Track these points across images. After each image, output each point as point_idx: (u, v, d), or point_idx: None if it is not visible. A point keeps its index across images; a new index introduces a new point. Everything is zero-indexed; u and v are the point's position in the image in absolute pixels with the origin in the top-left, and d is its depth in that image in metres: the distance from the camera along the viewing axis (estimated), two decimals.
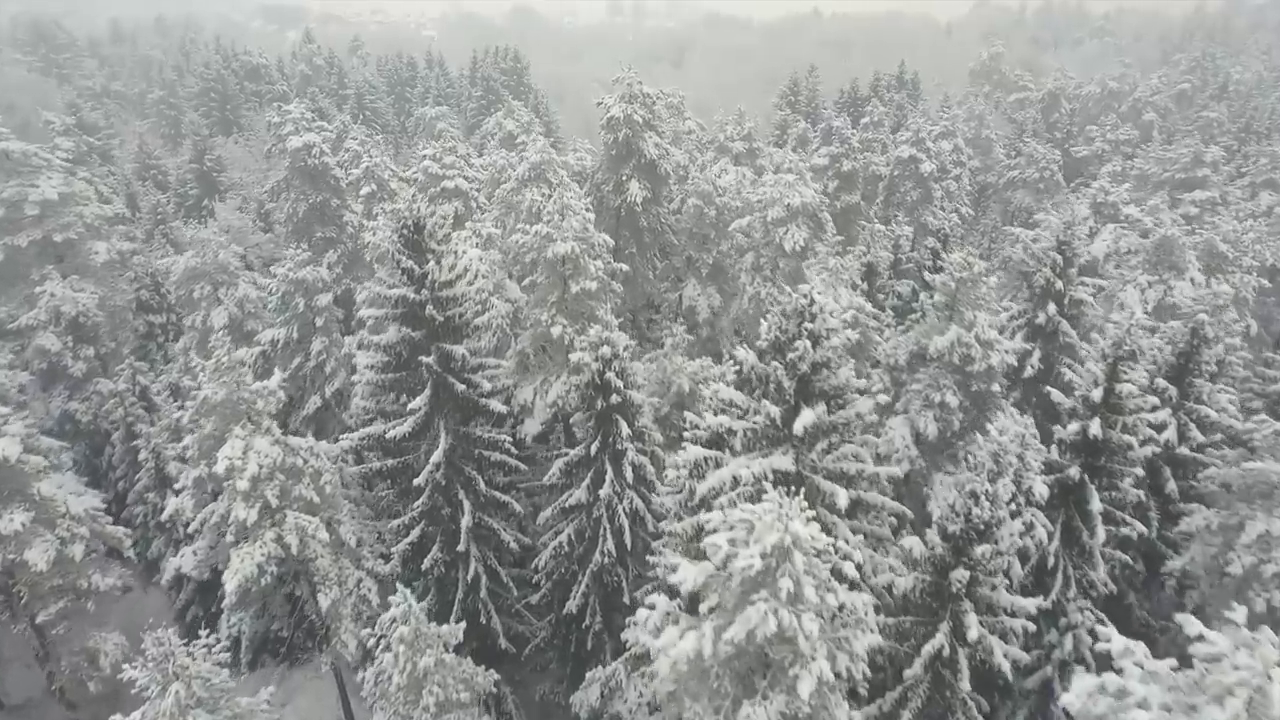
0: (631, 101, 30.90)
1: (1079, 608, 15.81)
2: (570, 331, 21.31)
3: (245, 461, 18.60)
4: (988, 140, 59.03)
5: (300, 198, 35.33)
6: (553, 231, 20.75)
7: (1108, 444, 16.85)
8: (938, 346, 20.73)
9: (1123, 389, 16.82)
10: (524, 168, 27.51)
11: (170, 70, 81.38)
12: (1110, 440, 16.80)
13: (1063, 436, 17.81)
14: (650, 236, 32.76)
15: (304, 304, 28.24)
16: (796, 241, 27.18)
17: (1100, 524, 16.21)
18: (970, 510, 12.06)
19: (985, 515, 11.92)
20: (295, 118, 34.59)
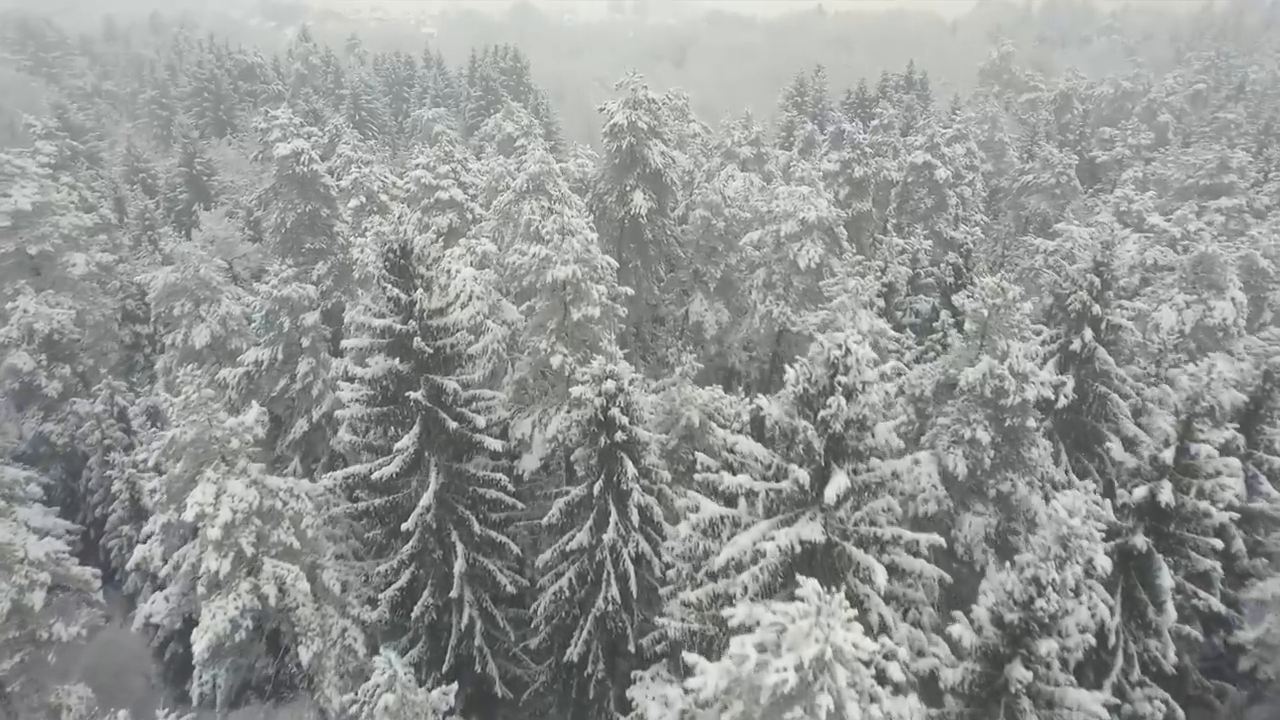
0: (635, 107, 29.29)
1: (1146, 696, 14.26)
2: (571, 361, 19.76)
3: (217, 507, 17.06)
4: (1000, 144, 57.34)
5: (289, 207, 33.71)
6: (552, 254, 19.18)
7: (1180, 510, 15.22)
8: (968, 379, 19.15)
9: (1199, 450, 15.14)
10: (522, 179, 25.91)
11: (163, 69, 79.65)
12: (1183, 507, 15.17)
13: (1126, 500, 16.12)
14: (655, 249, 31.17)
15: (289, 323, 26.69)
16: (812, 258, 25.59)
17: (1170, 600, 14.59)
18: (1033, 599, 10.52)
19: (1051, 607, 10.41)
20: (283, 123, 32.95)
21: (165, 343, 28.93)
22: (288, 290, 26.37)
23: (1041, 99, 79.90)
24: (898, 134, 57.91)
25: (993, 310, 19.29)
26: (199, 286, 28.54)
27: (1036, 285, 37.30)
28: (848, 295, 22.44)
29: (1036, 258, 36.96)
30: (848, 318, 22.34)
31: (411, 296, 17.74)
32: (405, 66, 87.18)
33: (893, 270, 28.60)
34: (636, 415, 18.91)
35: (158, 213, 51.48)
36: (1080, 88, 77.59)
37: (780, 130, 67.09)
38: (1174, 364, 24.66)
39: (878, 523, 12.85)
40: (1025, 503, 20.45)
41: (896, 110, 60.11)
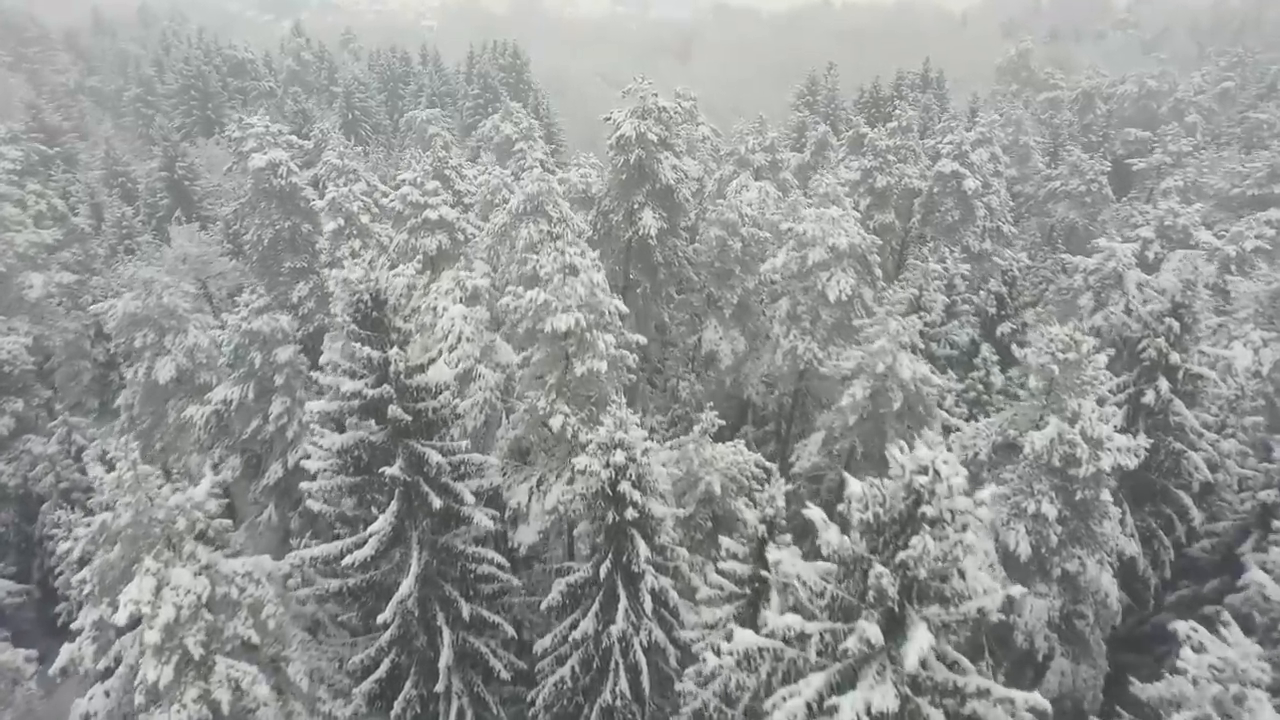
0: (645, 117, 26.52)
1: None
2: (574, 422, 17.11)
3: (158, 605, 14.43)
4: (1025, 148, 54.46)
5: (266, 223, 31.06)
6: (552, 299, 16.49)
7: None
8: (1034, 446, 16.49)
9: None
10: (519, 199, 23.22)
11: (149, 65, 76.69)
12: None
13: None
14: (666, 272, 28.46)
15: (261, 359, 24.02)
16: (842, 290, 22.89)
17: None
18: None
19: None
20: (258, 131, 30.23)
21: (127, 378, 26.27)
22: (258, 323, 23.71)
23: (1062, 98, 76.84)
24: (916, 136, 55.05)
25: (1064, 366, 16.61)
26: (163, 315, 25.84)
27: (1075, 309, 34.57)
28: (888, 339, 19.74)
29: (1075, 278, 34.16)
30: (887, 363, 19.64)
31: (385, 354, 15.05)
32: (401, 63, 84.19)
33: (928, 298, 25.88)
34: (650, 487, 16.29)
35: (136, 220, 48.88)
36: (1102, 86, 74.55)
37: (791, 131, 64.12)
38: (1251, 410, 21.97)
39: (961, 668, 10.22)
40: (1095, 583, 17.85)
41: (915, 111, 57.13)
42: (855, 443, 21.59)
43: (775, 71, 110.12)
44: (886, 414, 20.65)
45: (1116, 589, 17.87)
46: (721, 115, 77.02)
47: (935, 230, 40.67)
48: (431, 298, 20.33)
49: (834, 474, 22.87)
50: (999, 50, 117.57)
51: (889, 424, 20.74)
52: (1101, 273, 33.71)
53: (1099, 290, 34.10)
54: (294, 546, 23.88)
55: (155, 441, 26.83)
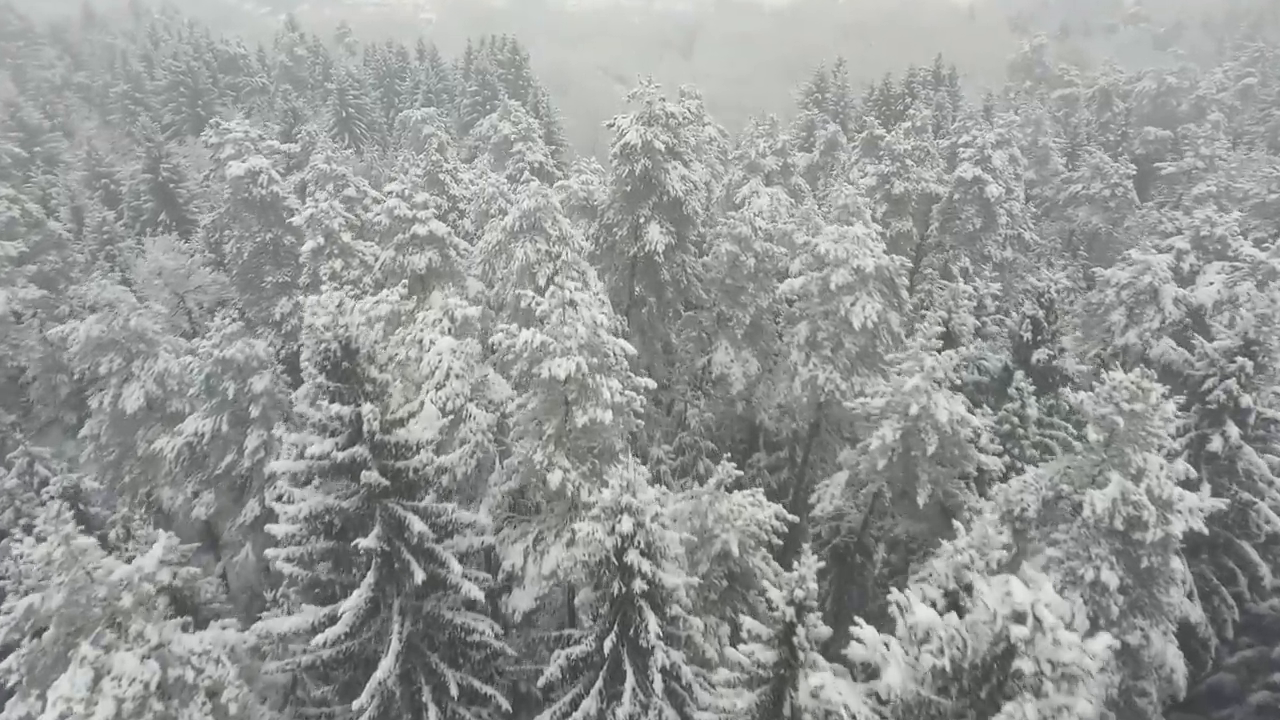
0: (651, 124, 24.51)
1: None
2: (575, 477, 15.17)
3: (94, 701, 12.57)
4: (1044, 149, 52.30)
5: (246, 235, 29.11)
6: (550, 340, 14.53)
7: None
8: (1095, 507, 14.53)
9: None
10: (515, 215, 21.23)
11: (137, 61, 74.47)
12: None
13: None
14: (674, 291, 26.48)
15: (235, 388, 22.11)
16: (868, 316, 20.91)
17: None
18: None
19: None
20: (236, 138, 28.21)
21: (91, 406, 24.35)
22: (232, 350, 21.80)
23: (1077, 95, 74.61)
24: (931, 136, 52.92)
25: (1129, 417, 14.64)
26: (130, 339, 23.91)
27: (1103, 325, 32.56)
28: (922, 377, 17.76)
29: (1107, 293, 32.14)
30: (921, 404, 17.68)
31: (358, 409, 13.09)
32: (398, 58, 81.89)
33: (958, 321, 23.91)
34: (660, 553, 14.38)
35: (118, 225, 46.88)
36: (1119, 83, 72.25)
37: (800, 130, 61.96)
38: None
39: None
40: (1159, 656, 15.93)
41: (931, 111, 54.95)
42: (883, 486, 19.65)
43: (780, 66, 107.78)
44: (919, 456, 18.70)
45: (1182, 662, 15.97)
46: (727, 112, 74.88)
47: (955, 239, 38.63)
48: (418, 328, 18.38)
49: (857, 516, 20.94)
50: (1008, 45, 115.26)
51: (921, 467, 18.79)
52: (1135, 287, 31.70)
53: (1132, 306, 32.10)
54: (273, 586, 22.10)
55: (124, 473, 24.96)
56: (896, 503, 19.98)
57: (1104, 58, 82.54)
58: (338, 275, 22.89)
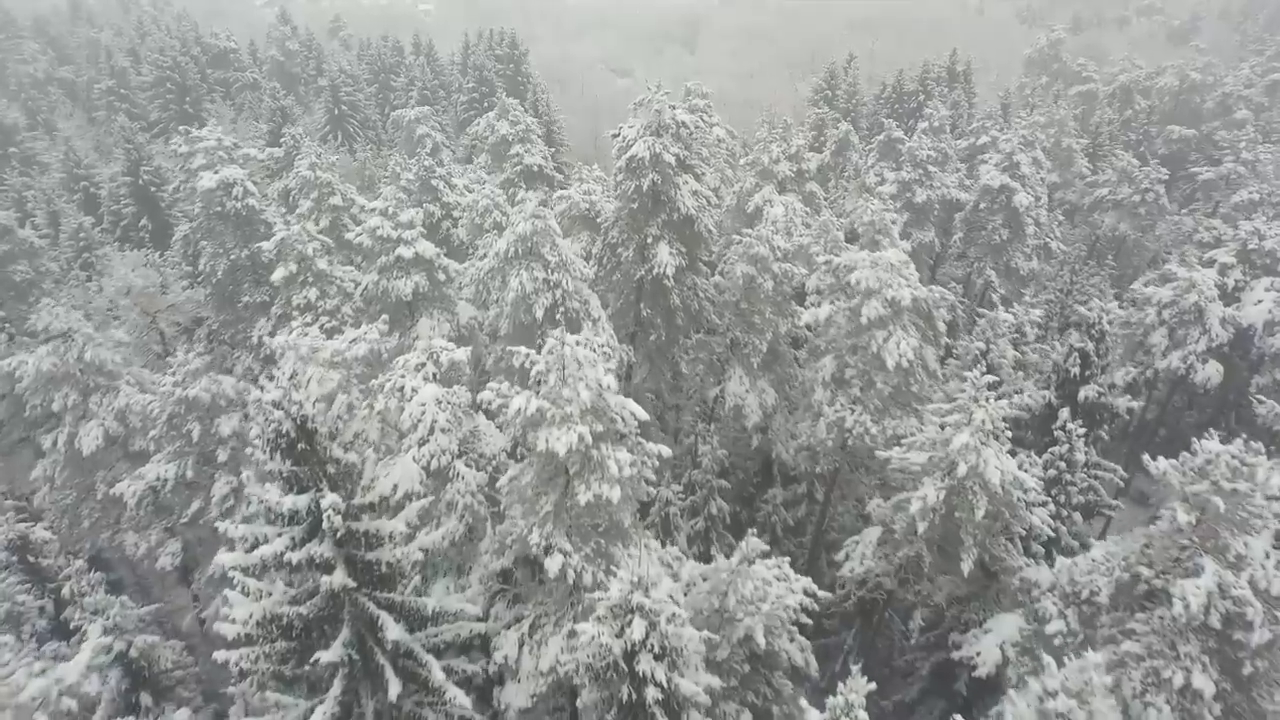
0: (660, 134, 22.21)
1: None
2: (577, 561, 13.01)
3: None
4: (1068, 150, 49.88)
5: (220, 252, 26.85)
6: (547, 406, 12.33)
7: None
8: (1188, 604, 12.37)
9: None
10: (509, 241, 18.99)
11: (123, 55, 71.88)
12: None
13: None
14: (684, 316, 24.26)
15: (200, 430, 19.95)
16: (904, 354, 18.69)
17: None
18: None
19: None
20: (208, 146, 25.92)
21: (43, 445, 22.21)
22: (196, 389, 19.60)
23: (1095, 92, 72.08)
24: (950, 138, 50.55)
25: (1230, 498, 12.46)
26: (87, 373, 21.73)
27: (1144, 347, 30.34)
28: (971, 432, 15.58)
29: (1148, 312, 29.91)
30: (970, 463, 15.52)
31: (318, 497, 10.91)
32: (393, 53, 79.17)
33: (997, 353, 21.70)
34: (678, 653, 12.25)
35: (97, 230, 44.63)
36: (1139, 78, 69.73)
37: (810, 128, 59.51)
38: None
39: None
40: None
41: (949, 111, 52.55)
42: (922, 550, 17.50)
43: (787, 61, 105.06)
44: (964, 518, 16.54)
45: None
46: (733, 109, 72.39)
47: (980, 250, 36.35)
48: (398, 373, 16.18)
49: (889, 577, 18.78)
50: (1021, 39, 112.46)
51: (966, 529, 16.63)
52: (1178, 306, 29.50)
53: (1174, 327, 29.91)
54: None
55: (83, 518, 22.84)
56: (939, 567, 17.83)
57: (1123, 53, 79.97)
58: (313, 306, 20.65)
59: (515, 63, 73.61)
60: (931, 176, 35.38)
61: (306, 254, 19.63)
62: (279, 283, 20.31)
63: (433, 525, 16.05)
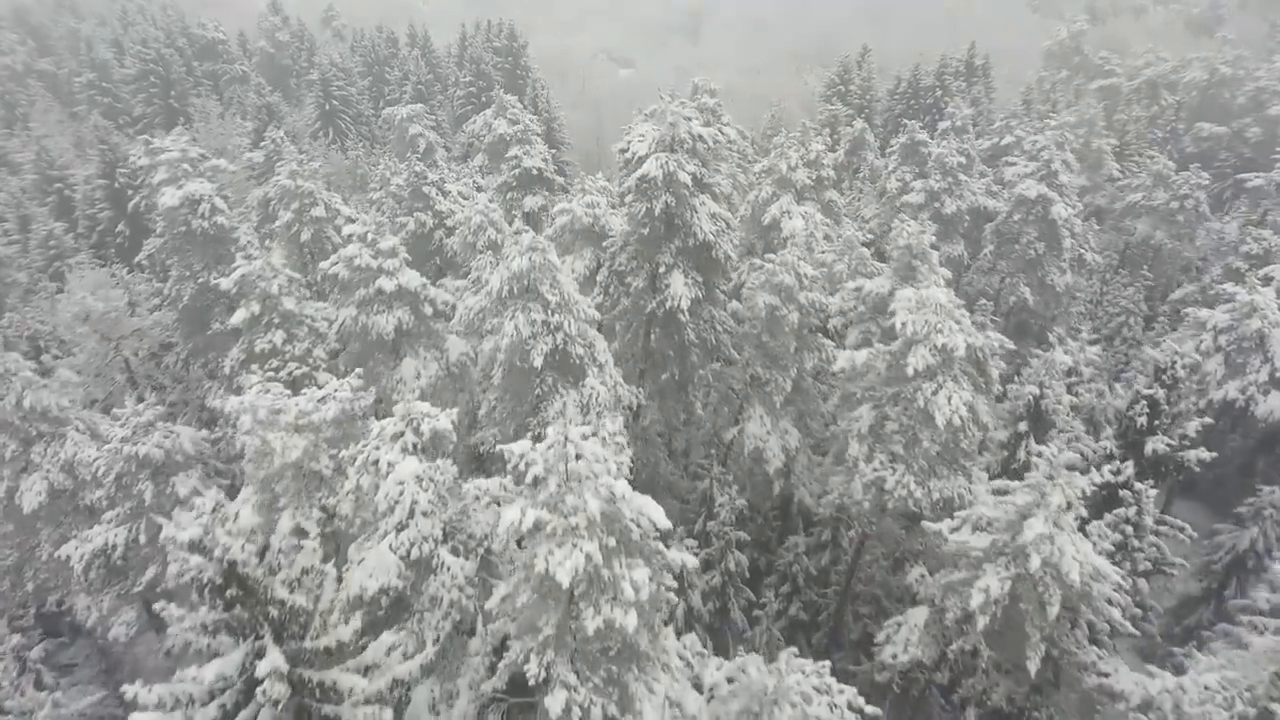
0: (674, 149, 19.67)
1: None
2: (584, 695, 10.62)
3: None
4: (1098, 152, 47.16)
5: (186, 275, 24.36)
6: (547, 518, 9.91)
7: None
8: None
9: None
10: (503, 278, 16.49)
11: (106, 46, 68.95)
12: None
13: None
14: (700, 353, 21.78)
15: (152, 492, 17.57)
16: (956, 410, 16.25)
17: None
18: None
19: None
20: (171, 159, 23.34)
21: None
22: (147, 446, 17.19)
23: (1118, 86, 69.22)
24: (972, 138, 47.84)
25: None
26: (29, 419, 19.29)
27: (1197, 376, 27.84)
28: (1046, 518, 13.17)
29: (1203, 337, 27.41)
30: (1045, 555, 13.12)
31: (257, 647, 8.50)
32: (388, 44, 76.22)
33: (1051, 399, 19.26)
34: None
35: (69, 237, 42.10)
36: (1165, 72, 66.86)
37: (822, 126, 56.73)
38: None
39: None
40: None
41: (970, 109, 49.83)
42: (979, 644, 15.12)
43: (794, 52, 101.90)
44: (1031, 610, 14.17)
45: None
46: (741, 104, 69.38)
47: (1013, 264, 33.77)
48: (373, 446, 13.75)
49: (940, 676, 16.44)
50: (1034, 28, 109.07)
51: (1033, 623, 14.24)
52: (1237, 332, 27.00)
53: (1232, 354, 27.41)
54: None
55: (26, 580, 20.48)
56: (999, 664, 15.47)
57: (1143, 45, 76.90)
58: (279, 351, 18.07)
59: (514, 55, 70.69)
60: (961, 185, 32.77)
61: (271, 292, 17.15)
62: (240, 325, 17.81)
63: (412, 621, 13.74)
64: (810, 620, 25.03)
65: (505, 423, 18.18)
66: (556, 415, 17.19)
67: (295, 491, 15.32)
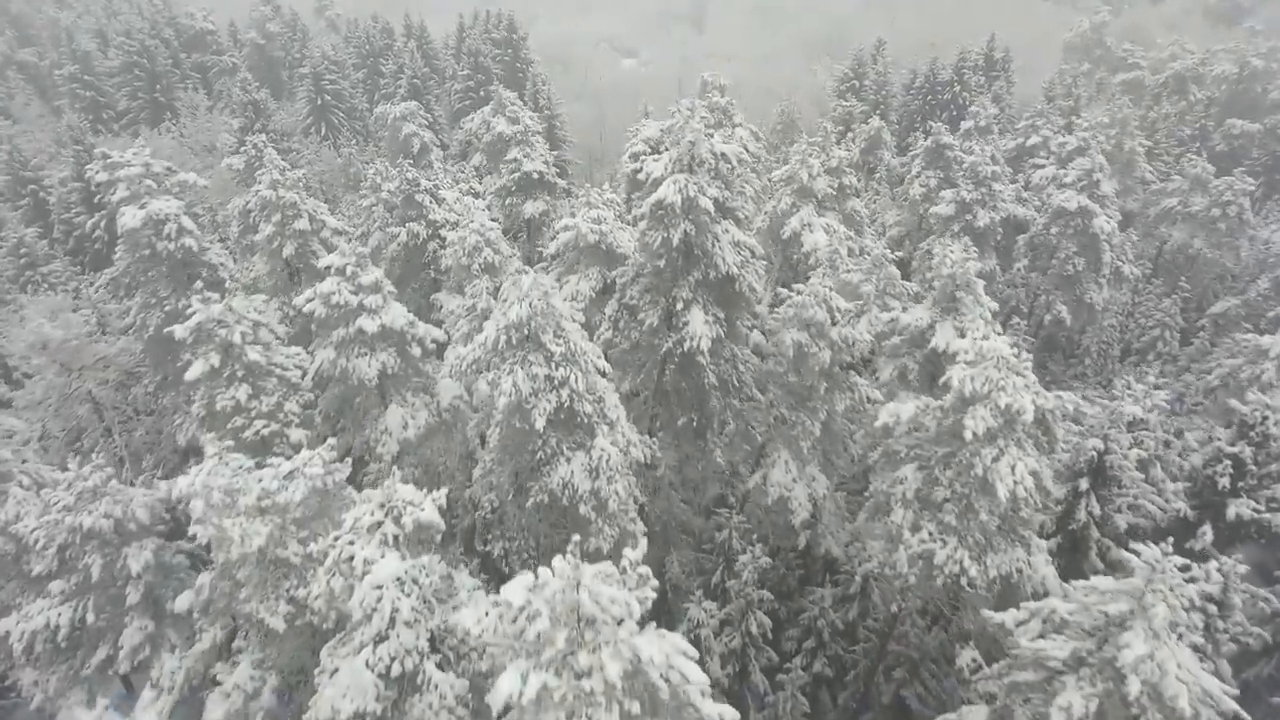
0: (694, 170, 17.36)
1: None
2: None
3: None
4: (1130, 154, 44.65)
5: (151, 303, 22.11)
6: (556, 682, 7.76)
7: None
8: None
9: None
10: (497, 330, 14.26)
11: (89, 36, 66.27)
12: None
13: None
14: (720, 397, 19.55)
15: (100, 566, 15.46)
16: (1021, 480, 14.07)
17: None
18: None
19: None
20: (132, 174, 21.00)
21: None
22: (94, 517, 15.07)
23: (1143, 80, 66.57)
24: (996, 138, 45.36)
25: None
26: None
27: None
28: (1146, 632, 11.04)
29: (1265, 366, 25.15)
30: (1147, 676, 11.00)
31: None
32: (383, 35, 73.37)
33: (1119, 455, 17.08)
34: None
35: (41, 245, 39.80)
36: (1192, 65, 64.07)
37: (835, 123, 54.17)
38: None
39: None
40: None
41: (995, 107, 47.33)
42: None
43: (803, 41, 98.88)
44: None
45: None
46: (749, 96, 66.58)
47: (1050, 280, 31.48)
48: (345, 537, 11.59)
49: None
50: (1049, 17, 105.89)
51: None
52: None
53: None
54: None
55: None
56: None
57: (1164, 36, 74.11)
58: (243, 409, 15.67)
59: (514, 48, 67.95)
60: (995, 195, 30.40)
61: (233, 341, 14.91)
62: (199, 379, 15.48)
63: None
64: (836, 677, 22.99)
65: (503, 487, 16.01)
66: (562, 484, 15.01)
67: (260, 581, 13.19)
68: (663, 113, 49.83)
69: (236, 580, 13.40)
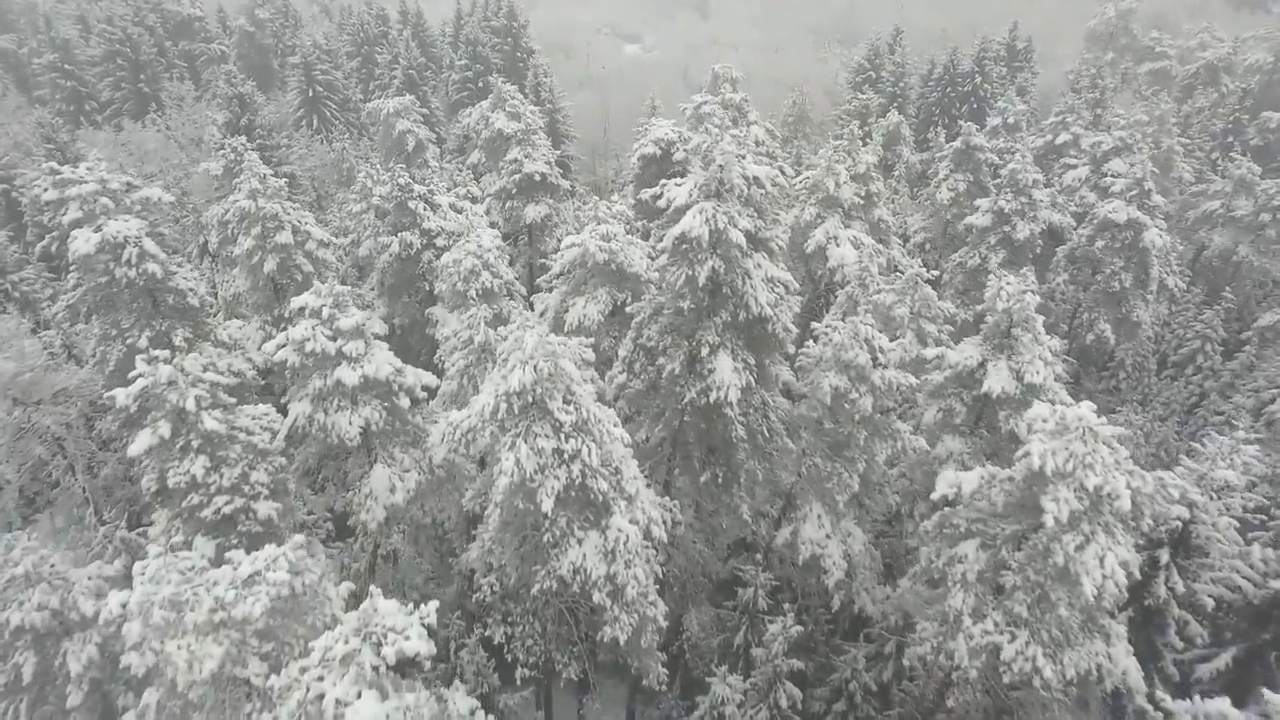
0: (722, 197, 15.06)
1: None
2: None
3: None
4: (1168, 152, 42.16)
5: (112, 335, 19.86)
6: None
7: None
8: None
9: None
10: (496, 395, 12.06)
11: (69, 23, 63.37)
12: None
13: None
14: (749, 450, 17.34)
15: (35, 666, 13.41)
16: (1112, 575, 11.93)
17: None
18: None
19: None
20: (85, 192, 18.64)
21: None
22: (25, 612, 12.99)
23: (1170, 70, 63.76)
24: (1025, 136, 42.87)
25: None
26: None
27: None
28: None
29: None
30: None
31: None
32: (378, 22, 70.34)
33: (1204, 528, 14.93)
34: None
35: (14, 250, 37.49)
36: (1224, 55, 61.27)
37: (852, 118, 51.53)
38: None
39: None
40: None
41: (1023, 104, 44.73)
42: None
43: (813, 28, 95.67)
44: None
45: None
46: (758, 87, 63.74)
47: (1093, 296, 29.15)
48: (313, 671, 9.48)
49: None
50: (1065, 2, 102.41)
51: None
52: None
53: None
54: None
55: None
56: None
57: (1198, 23, 71.12)
58: (200, 485, 13.32)
59: (514, 36, 65.01)
60: (1036, 205, 28.02)
61: (186, 408, 12.64)
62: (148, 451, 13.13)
63: None
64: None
65: (505, 570, 13.87)
66: (573, 570, 12.85)
67: (216, 704, 11.08)
68: (671, 108, 47.35)
69: (189, 700, 11.30)
